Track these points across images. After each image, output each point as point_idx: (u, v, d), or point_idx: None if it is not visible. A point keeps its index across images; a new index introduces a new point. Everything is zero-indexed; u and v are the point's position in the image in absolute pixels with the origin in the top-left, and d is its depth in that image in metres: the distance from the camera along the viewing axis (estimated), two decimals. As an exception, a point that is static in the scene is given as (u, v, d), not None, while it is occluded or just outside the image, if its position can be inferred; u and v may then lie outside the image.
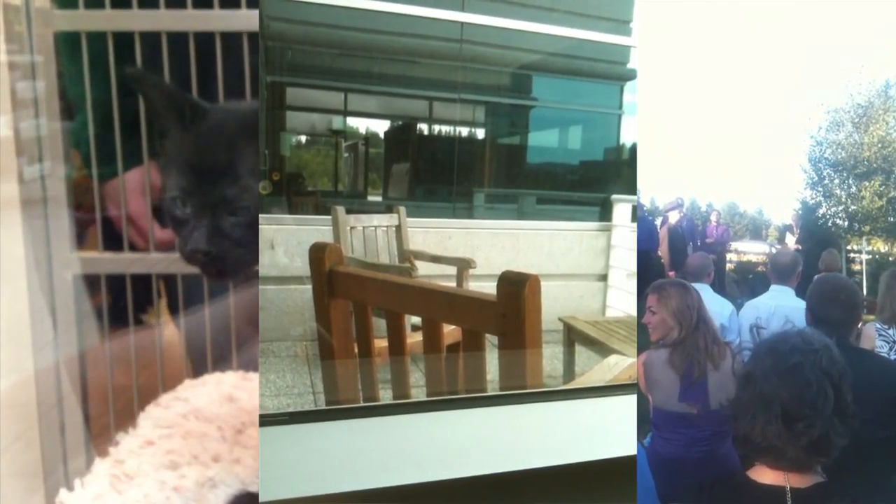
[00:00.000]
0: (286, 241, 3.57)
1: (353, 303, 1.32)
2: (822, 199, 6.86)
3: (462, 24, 4.39)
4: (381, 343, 1.29)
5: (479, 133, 5.16)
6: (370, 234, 3.27)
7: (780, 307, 2.02)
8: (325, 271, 1.30)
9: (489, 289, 1.05)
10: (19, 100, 1.00)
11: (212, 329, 1.05)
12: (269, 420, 0.88)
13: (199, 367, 1.02)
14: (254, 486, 0.73)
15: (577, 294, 4.18)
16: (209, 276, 0.68)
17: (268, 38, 4.15)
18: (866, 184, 6.54)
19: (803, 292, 2.14)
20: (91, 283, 1.08)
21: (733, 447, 1.26)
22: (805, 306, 1.50)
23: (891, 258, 6.57)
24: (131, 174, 1.08)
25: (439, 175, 4.98)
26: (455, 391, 1.19)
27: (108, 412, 1.07)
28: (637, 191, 4.82)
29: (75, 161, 1.06)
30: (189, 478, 0.71)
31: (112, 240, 1.09)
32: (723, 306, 2.14)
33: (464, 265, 3.08)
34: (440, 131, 5.12)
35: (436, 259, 3.31)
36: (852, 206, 6.62)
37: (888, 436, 1.28)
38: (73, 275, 1.06)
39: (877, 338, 1.88)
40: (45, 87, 1.02)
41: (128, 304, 1.08)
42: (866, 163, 6.57)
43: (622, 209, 4.24)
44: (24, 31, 1.00)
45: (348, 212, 3.17)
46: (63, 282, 1.06)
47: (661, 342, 1.44)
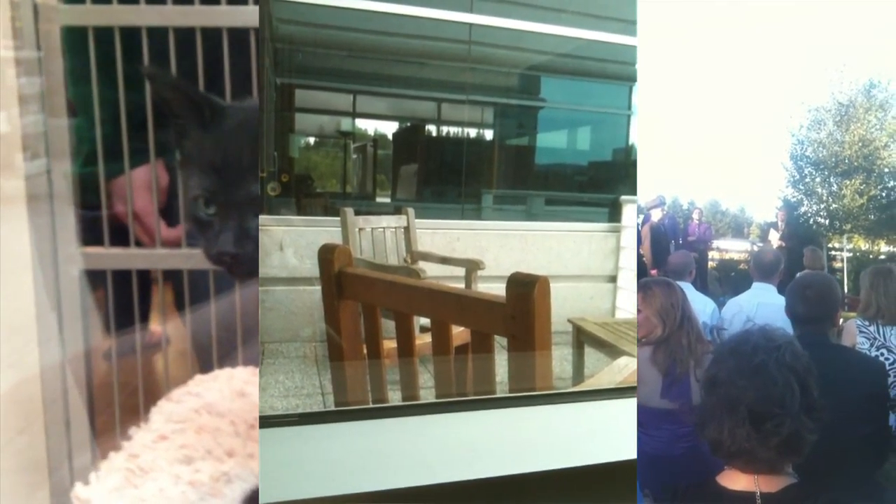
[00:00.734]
0: (295, 242, 3.58)
1: (362, 304, 1.32)
2: (803, 197, 6.92)
3: (470, 25, 4.38)
4: (389, 344, 1.29)
5: (488, 134, 5.16)
6: (378, 236, 3.28)
7: (763, 304, 2.03)
8: (335, 272, 1.30)
9: (498, 290, 1.05)
10: (23, 95, 1.00)
11: (217, 325, 1.05)
12: (278, 421, 0.88)
13: (205, 363, 1.03)
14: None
15: (587, 295, 4.17)
16: (236, 275, 0.67)
17: (277, 41, 4.16)
18: (847, 182, 6.59)
19: (785, 289, 2.16)
20: (97, 278, 1.08)
21: None
22: (785, 303, 1.51)
23: (871, 256, 6.59)
24: (138, 172, 1.08)
25: (448, 176, 4.98)
26: (464, 393, 1.18)
27: (114, 407, 1.07)
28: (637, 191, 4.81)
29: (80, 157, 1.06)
30: (204, 472, 0.71)
31: (118, 236, 1.09)
32: (705, 304, 2.15)
33: (472, 266, 3.08)
34: (448, 133, 5.12)
35: (444, 260, 3.30)
36: (833, 205, 6.65)
37: (869, 431, 1.27)
38: (78, 270, 1.06)
39: (858, 334, 1.90)
40: (50, 83, 1.02)
41: (133, 300, 1.08)
42: (847, 161, 6.59)
43: (631, 210, 4.23)
44: (30, 27, 1.00)
45: (357, 213, 3.18)
46: (69, 277, 1.06)
47: (644, 340, 1.45)
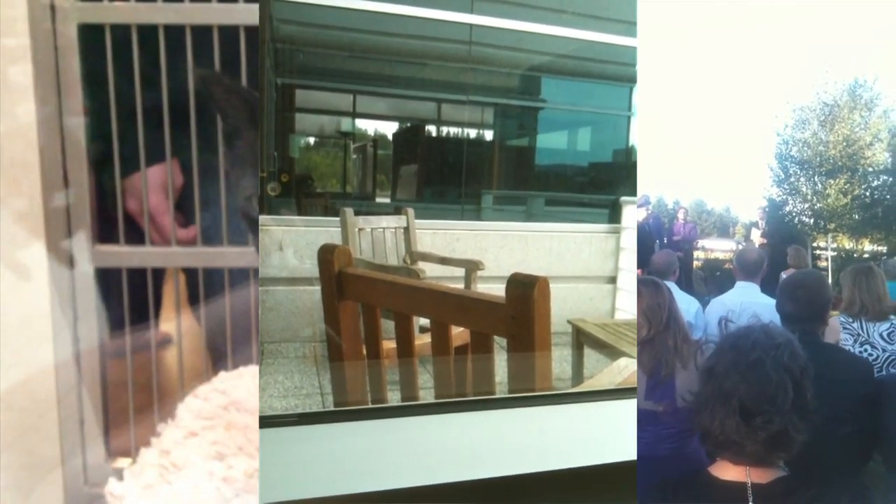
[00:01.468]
0: (295, 242, 3.58)
1: (362, 304, 1.32)
2: (788, 196, 6.94)
3: (471, 26, 4.39)
4: (389, 345, 1.29)
5: (488, 135, 5.16)
6: (378, 236, 3.28)
7: (746, 303, 2.04)
8: (334, 273, 1.30)
9: (497, 291, 1.05)
10: (41, 95, 1.00)
11: (231, 323, 1.05)
12: (278, 421, 0.88)
13: (220, 361, 1.03)
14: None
15: (587, 296, 4.17)
16: None
17: (278, 41, 4.17)
18: (831, 182, 6.63)
19: (768, 288, 2.17)
20: (112, 276, 1.08)
21: (700, 445, 1.27)
22: (774, 302, 1.52)
23: (856, 255, 6.62)
24: (153, 170, 1.08)
25: (448, 177, 4.98)
26: (463, 393, 1.18)
27: (129, 405, 1.07)
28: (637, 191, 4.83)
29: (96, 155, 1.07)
30: (237, 468, 0.71)
31: (132, 234, 1.09)
32: (689, 304, 2.15)
33: (472, 267, 3.08)
34: (449, 133, 5.12)
35: (444, 261, 3.30)
36: (818, 204, 6.68)
37: (854, 429, 1.28)
38: (93, 268, 1.07)
39: (841, 331, 1.91)
40: (67, 80, 1.02)
41: (148, 297, 1.08)
42: (831, 161, 6.62)
43: (631, 211, 4.23)
44: (49, 27, 1.00)
45: (357, 213, 3.18)
46: (83, 275, 1.06)
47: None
